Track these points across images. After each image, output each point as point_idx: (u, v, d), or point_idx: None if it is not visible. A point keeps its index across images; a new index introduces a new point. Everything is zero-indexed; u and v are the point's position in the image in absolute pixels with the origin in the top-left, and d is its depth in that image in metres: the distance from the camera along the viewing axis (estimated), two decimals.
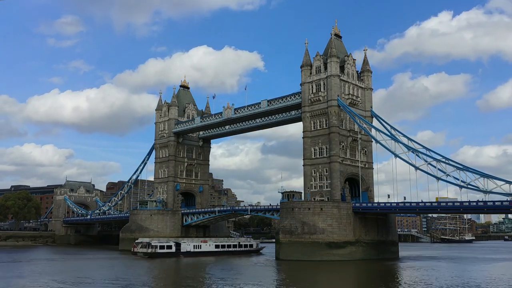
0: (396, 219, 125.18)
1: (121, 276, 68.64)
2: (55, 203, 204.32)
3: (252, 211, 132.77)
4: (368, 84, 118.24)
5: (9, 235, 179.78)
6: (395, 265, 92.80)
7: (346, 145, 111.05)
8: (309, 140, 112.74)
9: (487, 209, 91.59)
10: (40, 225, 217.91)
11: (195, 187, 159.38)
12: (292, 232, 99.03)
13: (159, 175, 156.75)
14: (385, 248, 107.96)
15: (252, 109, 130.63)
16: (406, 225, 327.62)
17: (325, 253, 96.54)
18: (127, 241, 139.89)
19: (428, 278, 68.78)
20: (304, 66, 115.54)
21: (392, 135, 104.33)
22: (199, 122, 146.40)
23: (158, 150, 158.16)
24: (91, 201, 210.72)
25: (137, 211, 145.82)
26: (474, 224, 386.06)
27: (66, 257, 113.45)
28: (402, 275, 76.45)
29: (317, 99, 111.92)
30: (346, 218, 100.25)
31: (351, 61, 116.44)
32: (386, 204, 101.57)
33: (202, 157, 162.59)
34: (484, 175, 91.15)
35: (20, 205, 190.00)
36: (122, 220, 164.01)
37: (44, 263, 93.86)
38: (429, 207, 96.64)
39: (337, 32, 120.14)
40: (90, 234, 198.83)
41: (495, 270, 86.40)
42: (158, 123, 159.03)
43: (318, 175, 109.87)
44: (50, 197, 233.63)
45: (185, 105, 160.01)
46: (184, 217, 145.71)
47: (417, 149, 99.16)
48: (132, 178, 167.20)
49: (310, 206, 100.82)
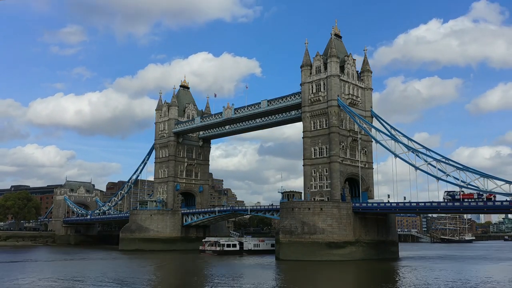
0: (396, 219, 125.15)
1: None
2: (55, 203, 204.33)
3: (252, 211, 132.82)
4: (368, 84, 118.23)
5: (9, 235, 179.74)
6: (395, 265, 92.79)
7: (346, 145, 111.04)
8: (309, 140, 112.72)
9: (487, 209, 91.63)
10: (40, 225, 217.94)
11: (195, 187, 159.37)
12: (292, 232, 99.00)
13: (159, 175, 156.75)
14: (385, 248, 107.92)
15: (252, 109, 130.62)
16: (406, 225, 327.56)
17: (325, 253, 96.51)
18: (127, 241, 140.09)
19: (428, 278, 68.83)
20: (304, 66, 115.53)
21: (392, 135, 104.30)
22: (199, 122, 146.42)
23: (158, 150, 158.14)
24: (91, 201, 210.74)
25: (137, 211, 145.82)
26: (474, 224, 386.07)
27: (118, 259, 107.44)
28: (402, 275, 76.42)
29: (317, 99, 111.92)
30: (346, 218, 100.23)
31: (351, 61, 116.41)
32: (386, 204, 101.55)
33: (202, 157, 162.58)
34: (484, 175, 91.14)
35: (20, 205, 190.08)
36: (122, 220, 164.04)
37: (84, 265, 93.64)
38: (429, 207, 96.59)
39: (337, 32, 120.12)
40: (90, 234, 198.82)
41: (495, 269, 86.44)
42: (158, 123, 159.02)
43: (318, 175, 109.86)
44: (50, 197, 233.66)
45: (185, 105, 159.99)
46: (184, 217, 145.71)
47: (417, 149, 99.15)
48: (132, 178, 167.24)
49: (310, 206, 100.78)
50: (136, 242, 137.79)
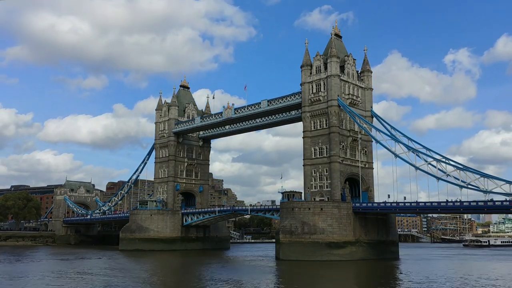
0: (396, 219, 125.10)
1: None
2: (55, 203, 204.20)
3: (252, 211, 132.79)
4: (368, 84, 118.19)
5: (9, 235, 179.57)
6: (395, 265, 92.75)
7: (346, 145, 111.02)
8: (309, 140, 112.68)
9: (487, 209, 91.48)
10: (40, 225, 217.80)
11: (195, 187, 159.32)
12: (292, 232, 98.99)
13: (159, 175, 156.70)
14: (385, 248, 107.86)
15: (252, 109, 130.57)
16: (406, 225, 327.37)
17: (325, 253, 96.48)
18: (127, 241, 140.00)
19: (428, 278, 68.75)
20: (304, 66, 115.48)
21: (392, 135, 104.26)
22: (199, 122, 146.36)
23: (158, 150, 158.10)
24: (91, 201, 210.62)
25: (137, 211, 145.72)
26: (474, 224, 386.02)
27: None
28: (402, 275, 76.37)
29: (317, 99, 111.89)
30: (346, 218, 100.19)
31: (351, 61, 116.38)
32: (386, 204, 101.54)
33: (202, 157, 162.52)
34: (484, 175, 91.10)
35: (20, 205, 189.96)
36: (122, 220, 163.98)
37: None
38: (429, 207, 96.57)
39: (337, 32, 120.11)
40: (90, 234, 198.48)
41: (495, 268, 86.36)
42: (158, 123, 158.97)
43: (318, 175, 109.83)
44: (50, 197, 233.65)
45: (185, 105, 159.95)
46: (184, 217, 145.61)
47: (417, 149, 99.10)
48: (132, 178, 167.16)
49: (310, 206, 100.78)
50: (136, 242, 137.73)
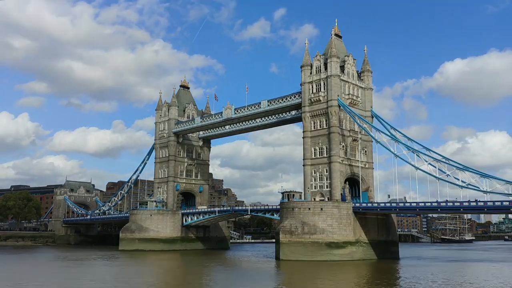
0: (396, 219, 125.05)
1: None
2: (55, 203, 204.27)
3: (252, 211, 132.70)
4: (368, 84, 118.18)
5: (9, 235, 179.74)
6: (396, 265, 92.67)
7: (346, 145, 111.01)
8: (309, 140, 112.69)
9: (487, 209, 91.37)
10: (40, 225, 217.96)
11: (195, 187, 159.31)
12: (292, 232, 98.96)
13: (159, 175, 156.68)
14: (385, 248, 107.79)
15: (252, 109, 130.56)
16: (406, 225, 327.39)
17: (325, 253, 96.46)
18: (127, 241, 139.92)
19: (428, 278, 68.75)
20: (304, 66, 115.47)
21: (392, 135, 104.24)
22: (199, 122, 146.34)
23: (158, 150, 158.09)
24: (91, 201, 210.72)
25: (137, 211, 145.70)
26: (474, 224, 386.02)
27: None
28: (402, 275, 76.33)
29: (317, 99, 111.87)
30: (346, 218, 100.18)
31: (351, 61, 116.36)
32: (386, 204, 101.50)
33: (202, 157, 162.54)
34: (484, 175, 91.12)
35: (20, 205, 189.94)
36: (122, 220, 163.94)
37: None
38: (429, 207, 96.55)
39: (337, 32, 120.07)
40: (90, 234, 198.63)
41: (494, 269, 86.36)
42: (158, 123, 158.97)
43: (318, 175, 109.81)
44: (50, 197, 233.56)
45: (185, 105, 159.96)
46: (184, 217, 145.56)
47: (417, 149, 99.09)
48: (132, 178, 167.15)
49: (310, 206, 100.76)
50: (136, 242, 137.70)
